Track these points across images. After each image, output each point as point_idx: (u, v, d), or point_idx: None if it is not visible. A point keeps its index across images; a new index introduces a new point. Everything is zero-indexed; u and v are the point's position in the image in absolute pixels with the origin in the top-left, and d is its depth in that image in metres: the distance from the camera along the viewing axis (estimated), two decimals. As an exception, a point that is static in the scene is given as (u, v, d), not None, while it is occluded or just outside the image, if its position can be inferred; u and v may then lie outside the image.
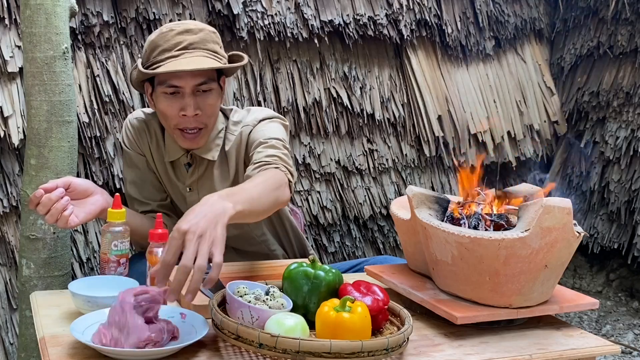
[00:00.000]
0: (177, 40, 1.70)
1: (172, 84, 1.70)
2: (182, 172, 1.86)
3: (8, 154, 2.47)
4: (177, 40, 1.70)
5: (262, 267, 1.76)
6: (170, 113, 1.73)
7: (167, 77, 1.71)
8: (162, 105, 1.74)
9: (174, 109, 1.72)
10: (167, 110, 1.73)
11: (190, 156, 1.84)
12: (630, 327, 3.15)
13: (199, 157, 1.83)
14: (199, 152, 1.82)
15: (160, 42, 1.71)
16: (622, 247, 3.40)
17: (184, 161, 1.85)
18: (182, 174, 1.87)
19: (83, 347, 1.22)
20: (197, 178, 1.85)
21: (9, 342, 2.44)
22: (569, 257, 1.42)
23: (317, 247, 3.15)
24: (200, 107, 1.72)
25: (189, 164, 1.85)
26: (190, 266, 1.20)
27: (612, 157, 3.43)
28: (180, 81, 1.70)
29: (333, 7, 3.08)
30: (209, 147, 1.82)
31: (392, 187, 3.30)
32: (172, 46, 1.70)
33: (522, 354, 1.31)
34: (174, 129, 1.76)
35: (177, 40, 1.70)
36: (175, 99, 1.72)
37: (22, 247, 1.96)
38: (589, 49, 3.60)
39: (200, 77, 1.71)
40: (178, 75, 1.70)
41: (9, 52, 2.44)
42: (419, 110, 3.33)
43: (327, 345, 1.13)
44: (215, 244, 1.23)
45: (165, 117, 1.75)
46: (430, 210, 1.46)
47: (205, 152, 1.82)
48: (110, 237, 1.54)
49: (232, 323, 1.18)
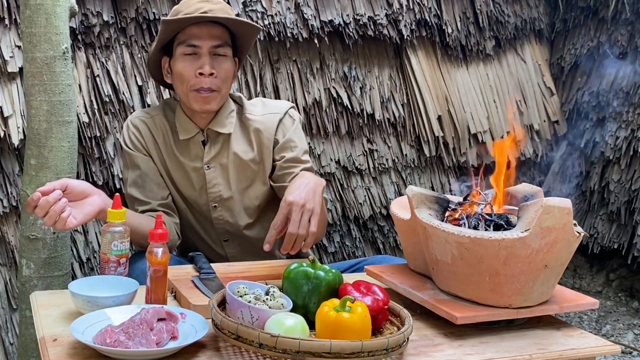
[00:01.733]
0: (199, 6, 1.82)
1: (192, 43, 1.82)
2: (198, 152, 1.92)
3: (8, 154, 2.47)
4: (199, 6, 1.83)
5: (262, 267, 1.76)
6: (188, 73, 1.82)
7: (187, 37, 1.82)
8: (180, 66, 1.83)
9: (191, 69, 1.82)
10: (185, 70, 1.83)
11: (205, 134, 1.91)
12: (630, 327, 3.15)
13: (214, 133, 1.90)
14: (214, 127, 1.90)
15: (182, 7, 1.84)
16: (622, 247, 3.40)
17: (200, 139, 1.91)
18: (197, 154, 1.92)
19: (83, 347, 1.22)
20: (215, 154, 1.91)
21: (9, 342, 2.44)
22: (569, 257, 1.42)
23: (317, 247, 3.15)
24: (215, 69, 1.83)
25: (203, 142, 1.91)
26: (296, 233, 1.60)
27: (612, 157, 3.43)
28: (199, 41, 1.82)
29: (333, 7, 3.08)
30: (222, 122, 1.91)
31: (392, 187, 3.30)
32: (194, 10, 1.82)
33: (522, 354, 1.31)
34: (190, 90, 1.84)
35: (199, 6, 1.82)
36: (192, 60, 1.82)
37: (22, 247, 1.96)
38: (589, 49, 3.60)
39: (217, 39, 1.84)
40: (197, 35, 1.82)
41: (9, 52, 2.44)
42: (419, 110, 3.33)
43: (327, 345, 1.13)
44: (314, 215, 1.62)
45: (182, 79, 1.84)
46: (430, 210, 1.46)
47: (219, 127, 1.90)
48: (110, 237, 1.54)
49: (232, 323, 1.18)
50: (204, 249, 1.98)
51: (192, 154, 1.91)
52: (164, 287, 1.41)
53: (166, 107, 1.96)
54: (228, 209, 1.93)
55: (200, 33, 1.82)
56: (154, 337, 1.21)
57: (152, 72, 1.97)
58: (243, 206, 1.94)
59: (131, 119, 1.94)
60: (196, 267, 1.70)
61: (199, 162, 1.91)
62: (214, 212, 1.93)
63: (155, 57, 1.92)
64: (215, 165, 1.91)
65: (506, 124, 3.57)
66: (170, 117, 1.94)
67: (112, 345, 1.18)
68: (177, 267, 1.70)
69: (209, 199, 1.92)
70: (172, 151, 1.91)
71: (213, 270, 1.65)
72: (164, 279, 1.41)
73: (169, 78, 1.91)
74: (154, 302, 1.40)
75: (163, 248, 1.41)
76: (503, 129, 3.56)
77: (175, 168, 1.92)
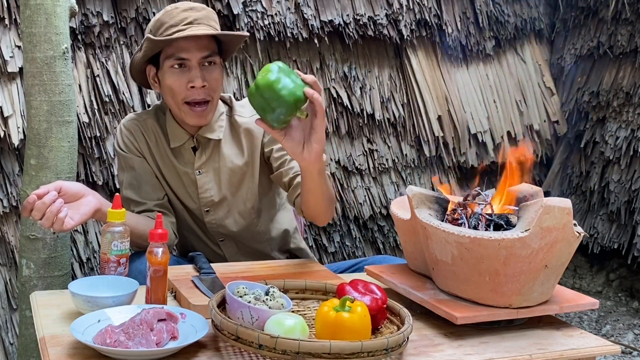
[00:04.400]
0: (183, 17, 1.78)
1: (180, 56, 1.77)
2: (189, 157, 1.90)
3: (8, 154, 2.47)
4: (183, 16, 1.78)
5: (262, 267, 1.76)
6: (178, 87, 1.79)
7: (175, 51, 1.77)
8: (170, 80, 1.79)
9: (181, 82, 1.78)
10: (175, 84, 1.79)
11: (195, 140, 1.88)
12: (630, 327, 3.15)
13: (205, 139, 1.88)
14: (204, 133, 1.87)
15: (166, 19, 1.79)
16: (622, 247, 3.40)
17: (190, 145, 1.89)
18: (189, 160, 1.90)
19: (83, 347, 1.22)
20: (206, 159, 1.89)
21: (9, 342, 2.44)
22: (569, 257, 1.42)
23: (317, 247, 3.15)
24: (206, 80, 1.79)
25: (194, 147, 1.89)
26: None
27: (612, 157, 3.43)
28: (188, 54, 1.77)
29: (333, 7, 3.08)
30: (212, 127, 1.88)
31: (392, 187, 3.30)
32: (179, 21, 1.77)
33: (522, 354, 1.31)
34: (182, 104, 1.81)
35: (183, 17, 1.78)
36: (182, 73, 1.78)
37: (22, 247, 1.96)
38: (589, 49, 3.60)
39: (206, 50, 1.79)
40: (185, 49, 1.76)
41: (9, 52, 2.44)
42: (419, 110, 3.33)
43: (326, 345, 1.13)
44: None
45: (173, 93, 1.80)
46: (430, 210, 1.46)
47: (210, 133, 1.87)
48: (110, 237, 1.54)
49: (231, 324, 1.18)
50: (202, 248, 1.98)
51: (183, 159, 1.90)
52: (164, 287, 1.41)
53: (158, 111, 1.94)
54: (221, 213, 1.93)
55: (189, 46, 1.77)
56: (154, 337, 1.21)
57: (136, 79, 1.94)
58: (236, 210, 1.93)
59: (123, 122, 1.94)
60: (196, 267, 1.70)
61: (190, 167, 1.89)
62: (206, 216, 1.93)
63: (140, 67, 1.87)
64: (206, 170, 1.89)
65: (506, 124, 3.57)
66: (162, 120, 1.92)
67: (112, 345, 1.18)
68: (177, 267, 1.70)
69: (200, 203, 1.92)
70: (165, 154, 1.90)
71: (213, 270, 1.65)
72: (164, 279, 1.41)
73: (156, 87, 1.87)
74: (154, 302, 1.40)
75: (163, 248, 1.41)
76: (503, 129, 3.56)
77: (169, 170, 1.91)
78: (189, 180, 1.91)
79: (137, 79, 1.93)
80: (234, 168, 1.90)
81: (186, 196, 1.93)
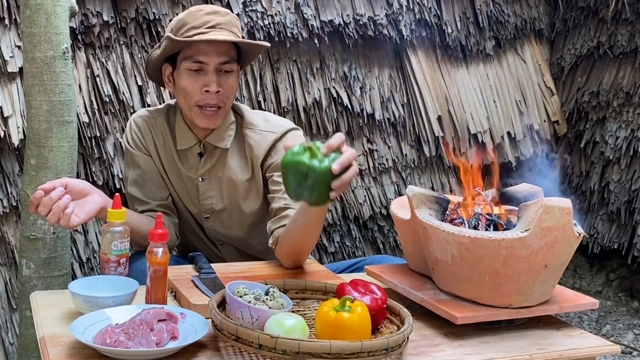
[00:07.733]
0: (206, 20, 1.76)
1: (199, 59, 1.76)
2: (194, 162, 1.89)
3: (8, 154, 2.47)
4: (206, 19, 1.76)
5: (262, 267, 1.76)
6: (193, 90, 1.78)
7: (194, 53, 1.76)
8: (185, 81, 1.78)
9: (196, 85, 1.77)
10: (190, 87, 1.78)
11: (203, 146, 1.87)
12: (630, 327, 3.15)
13: (212, 146, 1.86)
14: (212, 140, 1.85)
15: (189, 20, 1.77)
16: (622, 247, 3.40)
17: (196, 150, 1.88)
18: (193, 164, 1.89)
19: (83, 347, 1.22)
20: (210, 167, 1.88)
21: (9, 342, 2.44)
22: (569, 257, 1.42)
23: (317, 247, 3.15)
24: (221, 86, 1.78)
25: (200, 153, 1.88)
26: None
27: (612, 157, 3.43)
28: (207, 57, 1.76)
29: (333, 7, 3.08)
30: (221, 135, 1.86)
31: (392, 187, 3.30)
32: (201, 24, 1.76)
33: (522, 354, 1.32)
34: (193, 106, 1.79)
35: (206, 20, 1.76)
36: (198, 76, 1.77)
37: (22, 247, 1.96)
38: (589, 49, 3.59)
39: (224, 56, 1.78)
40: (204, 52, 1.76)
41: (9, 52, 2.44)
42: (419, 110, 3.33)
43: (326, 345, 1.13)
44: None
45: (187, 94, 1.79)
46: (430, 210, 1.46)
47: (217, 141, 1.86)
48: (110, 237, 1.54)
49: (231, 324, 1.18)
50: (203, 249, 1.98)
51: (188, 163, 1.89)
52: (164, 287, 1.41)
53: (170, 111, 1.94)
54: (220, 221, 1.93)
55: (208, 50, 1.75)
56: (154, 337, 1.21)
57: (152, 76, 1.93)
58: (236, 221, 1.92)
59: (134, 118, 1.93)
60: (196, 267, 1.70)
61: (194, 172, 1.88)
62: (206, 222, 1.93)
63: (156, 65, 1.87)
64: (209, 178, 1.88)
65: (506, 124, 3.57)
66: (172, 120, 1.91)
67: (112, 345, 1.18)
68: (177, 267, 1.70)
69: (201, 209, 1.91)
70: (171, 155, 1.90)
71: (213, 270, 1.65)
72: (164, 279, 1.41)
73: (170, 87, 1.86)
74: (154, 302, 1.40)
75: (163, 248, 1.41)
76: (503, 129, 3.56)
77: (172, 172, 1.91)
78: (191, 184, 1.90)
79: (152, 76, 1.93)
80: (238, 181, 1.88)
81: (188, 200, 1.92)
